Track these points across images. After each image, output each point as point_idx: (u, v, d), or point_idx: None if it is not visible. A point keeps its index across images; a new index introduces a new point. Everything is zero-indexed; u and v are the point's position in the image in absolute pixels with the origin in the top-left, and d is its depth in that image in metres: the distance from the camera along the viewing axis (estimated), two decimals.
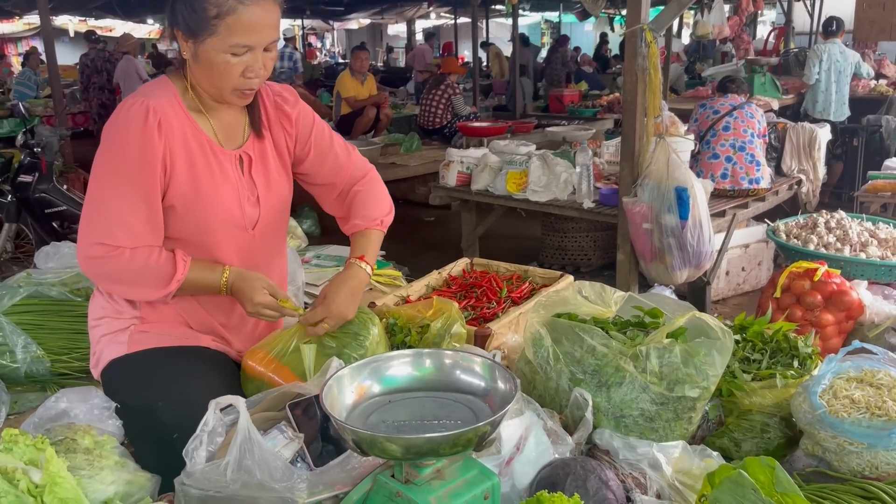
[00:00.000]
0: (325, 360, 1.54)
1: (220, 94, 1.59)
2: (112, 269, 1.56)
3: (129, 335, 1.67)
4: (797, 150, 4.88)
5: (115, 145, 1.54)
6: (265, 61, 1.57)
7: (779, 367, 1.61)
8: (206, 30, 1.50)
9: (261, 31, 1.52)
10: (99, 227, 1.55)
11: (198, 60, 1.55)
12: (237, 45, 1.51)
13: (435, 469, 1.11)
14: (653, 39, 2.82)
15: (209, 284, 1.64)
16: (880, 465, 1.29)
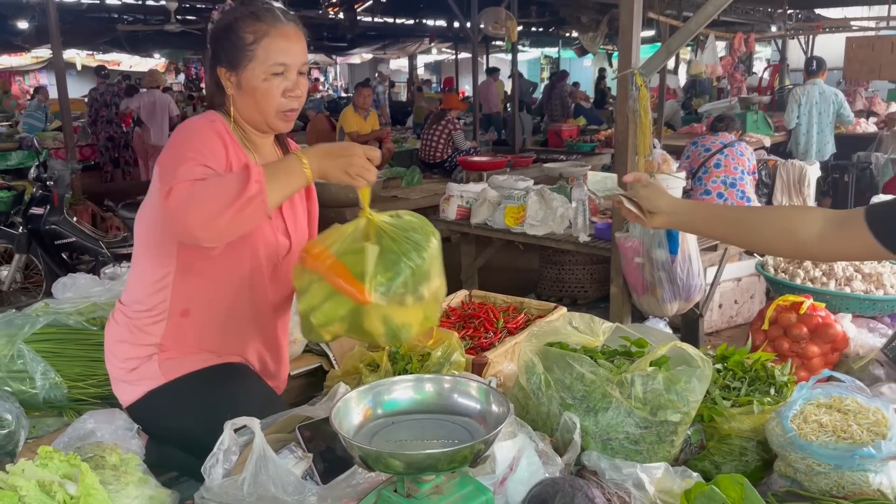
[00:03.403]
0: (385, 264, 1.49)
1: (264, 119, 1.71)
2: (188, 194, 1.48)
3: (158, 364, 1.74)
4: (787, 186, 5.03)
5: (187, 146, 1.61)
6: (301, 83, 1.72)
7: (757, 394, 1.72)
8: (245, 56, 1.66)
9: (294, 50, 1.69)
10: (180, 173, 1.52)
11: (242, 89, 1.69)
12: (276, 64, 1.66)
13: (434, 485, 1.21)
14: (643, 83, 2.98)
15: (293, 174, 1.55)
16: (846, 484, 1.39)
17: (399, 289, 1.49)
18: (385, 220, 1.56)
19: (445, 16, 14.43)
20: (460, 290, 2.56)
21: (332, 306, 1.51)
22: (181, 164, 1.54)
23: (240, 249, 1.71)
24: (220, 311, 1.79)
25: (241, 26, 1.66)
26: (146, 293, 1.76)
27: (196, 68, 21.63)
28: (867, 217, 1.36)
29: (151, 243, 1.76)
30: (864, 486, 1.39)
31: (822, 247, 1.43)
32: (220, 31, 1.71)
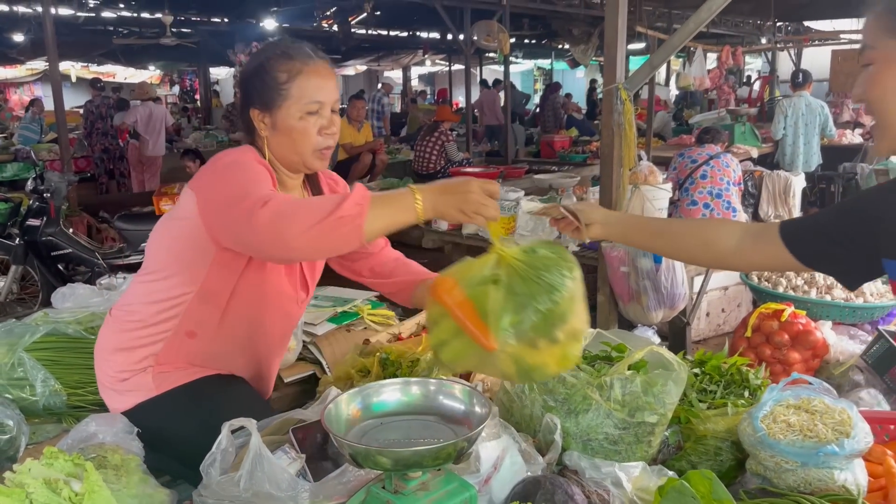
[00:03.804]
0: (514, 308, 1.37)
1: (301, 159, 1.70)
2: (285, 205, 1.45)
3: (152, 376, 1.76)
4: (773, 196, 5.13)
5: (248, 171, 1.60)
6: (334, 121, 1.72)
7: (731, 396, 1.80)
8: (280, 96, 1.66)
9: (328, 87, 1.70)
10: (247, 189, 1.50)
11: (277, 130, 1.68)
12: (311, 102, 1.66)
13: (420, 482, 1.28)
14: (627, 97, 3.07)
15: (402, 210, 1.47)
16: (812, 481, 1.47)
17: (529, 333, 1.38)
18: (517, 257, 1.43)
19: (439, 28, 14.57)
20: None
21: (461, 345, 1.40)
22: (254, 185, 1.52)
23: (260, 291, 1.75)
24: (225, 338, 1.81)
25: (274, 66, 1.66)
26: (154, 311, 1.76)
27: (191, 80, 21.74)
28: (781, 232, 1.45)
29: (174, 265, 1.74)
30: (829, 482, 1.46)
31: (738, 258, 1.53)
32: (252, 73, 1.70)
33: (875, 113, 1.14)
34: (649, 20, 11.51)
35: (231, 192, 1.53)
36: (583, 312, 1.45)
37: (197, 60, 16.55)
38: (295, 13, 11.88)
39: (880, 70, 1.11)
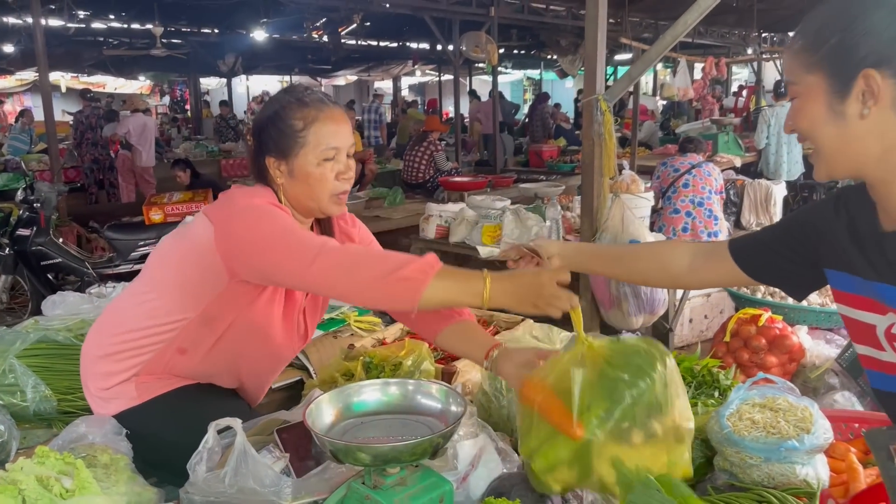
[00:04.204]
0: (601, 393, 1.32)
1: (318, 204, 1.72)
2: (344, 257, 1.50)
3: (135, 385, 1.78)
4: (755, 205, 5.22)
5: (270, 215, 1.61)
6: (350, 165, 1.73)
7: (702, 397, 1.87)
8: (297, 144, 1.67)
9: (343, 133, 1.71)
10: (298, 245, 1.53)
11: (294, 177, 1.69)
12: (327, 149, 1.67)
13: (399, 477, 1.34)
14: (607, 108, 3.15)
15: (467, 292, 1.48)
16: (775, 475, 1.53)
17: (620, 422, 1.31)
18: (603, 345, 1.40)
19: (428, 39, 14.70)
20: None
21: (553, 448, 1.36)
22: (297, 232, 1.57)
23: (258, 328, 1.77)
24: (215, 360, 1.83)
25: (290, 114, 1.68)
26: (148, 326, 1.77)
27: (181, 90, 21.80)
28: (730, 248, 1.52)
29: (179, 288, 1.75)
30: (791, 476, 1.53)
31: (692, 277, 1.59)
32: (267, 121, 1.71)
33: (808, 141, 1.21)
34: (636, 31, 11.67)
35: (269, 234, 1.57)
36: (685, 409, 1.39)
37: (187, 71, 16.62)
38: (284, 24, 11.97)
39: (804, 103, 1.17)
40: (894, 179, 1.15)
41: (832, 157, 1.17)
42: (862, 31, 1.08)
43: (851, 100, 1.10)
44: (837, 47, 1.10)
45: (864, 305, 1.26)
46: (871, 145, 1.12)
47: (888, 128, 1.10)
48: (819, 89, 1.14)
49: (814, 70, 1.14)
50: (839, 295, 1.32)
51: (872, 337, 1.27)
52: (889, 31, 1.07)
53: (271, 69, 19.13)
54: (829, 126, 1.14)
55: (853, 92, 1.10)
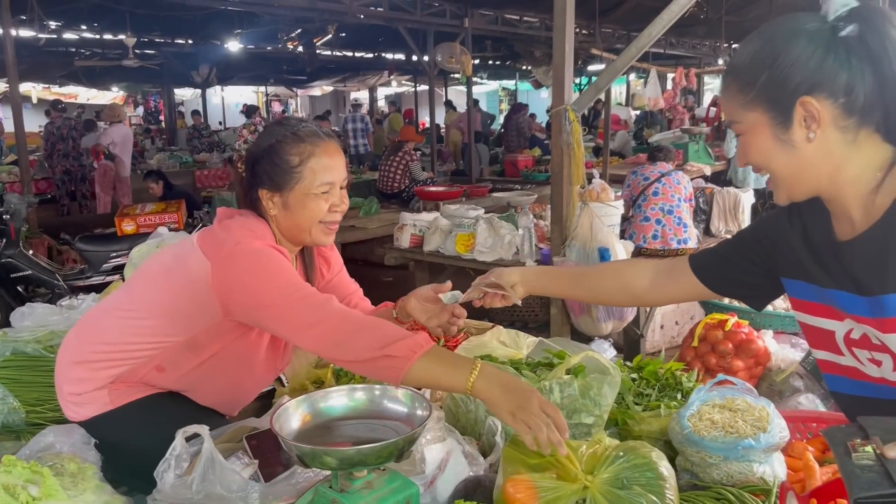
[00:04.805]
0: None
1: (309, 234, 1.74)
2: (339, 328, 1.53)
3: (108, 392, 1.78)
4: (724, 212, 5.32)
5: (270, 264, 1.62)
6: (343, 197, 1.76)
7: (665, 399, 1.91)
8: (292, 178, 1.69)
9: (337, 167, 1.74)
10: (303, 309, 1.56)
11: (288, 208, 1.71)
12: (322, 184, 1.70)
13: (365, 481, 1.36)
14: (575, 118, 3.20)
15: (451, 379, 1.48)
16: (734, 474, 1.58)
17: None
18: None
19: (403, 50, 14.76)
20: None
21: None
22: (301, 289, 1.59)
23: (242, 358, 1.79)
24: (192, 382, 1.84)
25: (285, 149, 1.69)
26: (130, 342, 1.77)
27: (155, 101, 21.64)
28: (691, 264, 1.56)
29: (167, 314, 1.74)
30: (749, 474, 1.57)
31: (654, 294, 1.63)
32: (262, 154, 1.72)
33: (764, 171, 1.24)
34: (609, 42, 11.83)
35: (273, 289, 1.58)
36: None
37: (161, 81, 16.52)
38: (259, 35, 11.96)
39: (751, 139, 1.21)
40: (847, 192, 1.19)
41: (790, 183, 1.21)
42: (788, 64, 1.13)
43: (795, 127, 1.15)
44: (769, 83, 1.15)
45: (822, 312, 1.30)
46: (823, 164, 1.17)
47: (834, 145, 1.15)
48: (762, 124, 1.18)
49: (752, 107, 1.18)
50: (797, 303, 1.36)
51: (832, 343, 1.31)
52: (813, 59, 1.12)
53: (246, 80, 19.08)
54: (781, 155, 1.18)
55: (795, 120, 1.15)
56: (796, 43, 1.13)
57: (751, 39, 1.21)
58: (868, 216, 1.19)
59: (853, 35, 1.12)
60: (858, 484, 1.00)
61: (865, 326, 1.23)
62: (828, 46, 1.12)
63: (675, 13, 2.98)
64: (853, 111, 1.13)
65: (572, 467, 1.38)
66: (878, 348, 1.24)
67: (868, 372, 1.28)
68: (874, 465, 1.02)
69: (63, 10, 9.51)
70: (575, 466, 1.39)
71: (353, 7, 8.86)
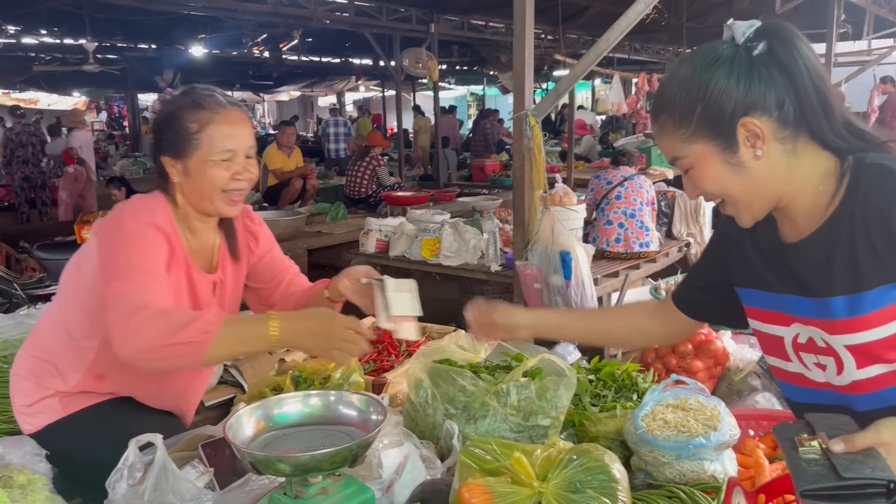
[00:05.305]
0: None
1: (212, 203, 1.73)
2: (152, 331, 1.50)
3: (59, 399, 1.78)
4: (685, 215, 5.39)
5: (134, 246, 1.61)
6: (249, 167, 1.75)
7: (622, 400, 1.94)
8: (191, 145, 1.69)
9: (240, 135, 1.73)
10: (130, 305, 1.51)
11: (189, 175, 1.71)
12: (222, 151, 1.69)
13: (321, 487, 1.36)
14: (536, 123, 3.24)
15: (255, 338, 1.54)
16: (686, 472, 1.60)
17: None
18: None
19: (370, 55, 14.74)
20: (367, 318, 2.72)
21: None
22: (127, 280, 1.54)
23: None
24: (133, 383, 1.82)
25: (184, 116, 1.69)
26: (65, 348, 1.77)
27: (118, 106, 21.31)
28: (675, 302, 1.59)
29: (86, 310, 1.74)
30: (700, 472, 1.60)
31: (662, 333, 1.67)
32: (163, 122, 1.73)
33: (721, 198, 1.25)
34: (574, 48, 11.95)
35: (118, 276, 1.57)
36: None
37: (124, 86, 16.29)
38: (223, 40, 11.86)
39: (702, 170, 1.22)
40: (795, 200, 1.23)
41: (750, 203, 1.23)
42: (719, 92, 1.16)
43: (742, 149, 1.18)
44: (706, 113, 1.18)
45: (772, 319, 1.33)
46: (775, 177, 1.20)
47: (779, 158, 1.19)
48: (708, 153, 1.20)
49: (695, 140, 1.20)
50: (750, 311, 1.38)
51: (781, 349, 1.33)
52: (740, 83, 1.16)
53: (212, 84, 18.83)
54: (734, 178, 1.20)
55: (740, 142, 1.17)
56: (720, 71, 1.17)
57: (673, 76, 1.23)
58: (813, 220, 1.23)
59: (766, 52, 1.16)
60: (804, 477, 1.03)
61: (812, 328, 1.26)
62: (749, 68, 1.16)
63: (632, 20, 3.03)
64: (787, 122, 1.17)
65: (526, 472, 1.40)
66: (823, 351, 1.26)
67: (813, 377, 1.31)
68: (820, 459, 1.05)
69: (21, 14, 9.34)
70: (529, 472, 1.40)
71: (317, 12, 8.84)
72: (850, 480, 1.00)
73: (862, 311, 1.17)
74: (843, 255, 1.18)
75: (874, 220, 1.14)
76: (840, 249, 1.19)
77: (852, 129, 1.21)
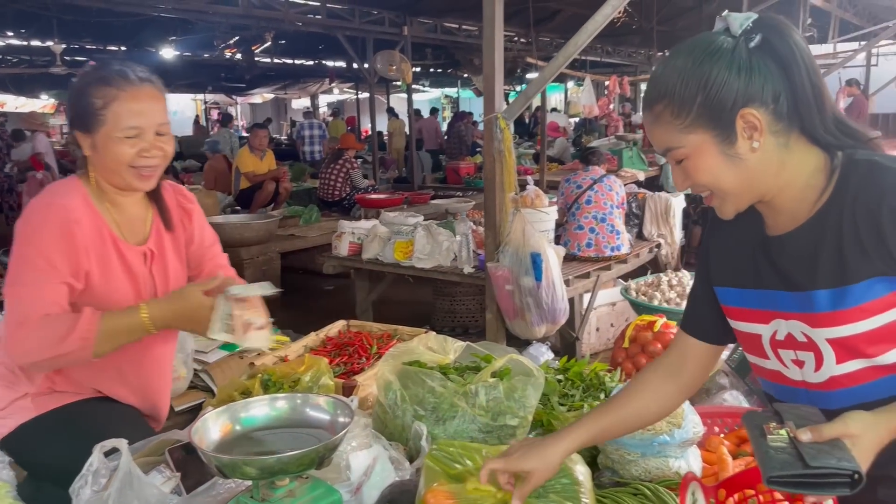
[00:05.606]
0: None
1: (121, 178, 1.74)
2: (34, 344, 1.61)
3: (31, 399, 1.77)
4: (655, 216, 5.46)
5: (34, 246, 1.65)
6: (160, 144, 1.75)
7: (589, 399, 1.96)
8: (97, 121, 1.70)
9: (145, 113, 1.72)
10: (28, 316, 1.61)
11: (97, 150, 1.73)
12: (126, 128, 1.70)
13: (287, 489, 1.36)
14: (506, 126, 3.26)
15: (131, 328, 1.66)
16: (652, 469, 1.63)
17: None
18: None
19: (344, 57, 14.70)
20: (338, 321, 2.72)
21: None
22: (17, 285, 1.64)
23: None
24: (97, 372, 1.82)
25: (91, 91, 1.70)
26: None
27: None
28: (686, 330, 1.46)
29: None
30: (665, 469, 1.63)
31: (691, 382, 1.47)
32: (74, 96, 1.75)
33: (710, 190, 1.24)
34: (547, 51, 12.03)
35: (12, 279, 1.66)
36: None
37: None
38: (194, 42, 11.76)
39: (697, 161, 1.21)
40: (784, 193, 1.23)
41: (739, 195, 1.23)
42: (721, 82, 1.16)
43: (740, 141, 1.18)
44: (707, 103, 1.17)
45: (751, 317, 1.33)
46: (767, 170, 1.21)
47: (772, 151, 1.19)
48: (707, 143, 1.20)
49: (693, 130, 1.20)
50: (729, 310, 1.38)
51: (758, 346, 1.34)
52: (741, 74, 1.16)
53: (184, 87, 18.71)
54: (730, 170, 1.20)
55: (738, 133, 1.18)
56: (720, 61, 1.16)
57: (669, 66, 1.22)
58: (799, 214, 1.24)
59: (763, 45, 1.16)
60: (772, 464, 1.05)
61: (793, 322, 1.26)
62: (749, 60, 1.16)
63: (600, 23, 3.07)
64: (781, 116, 1.18)
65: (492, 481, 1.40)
66: (803, 346, 1.26)
67: (789, 375, 1.32)
68: (787, 448, 1.07)
69: None
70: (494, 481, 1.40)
71: (289, 15, 8.80)
72: (817, 469, 1.02)
73: (846, 305, 1.18)
74: (829, 249, 1.19)
75: (863, 215, 1.15)
76: (827, 243, 1.19)
77: (842, 125, 1.22)
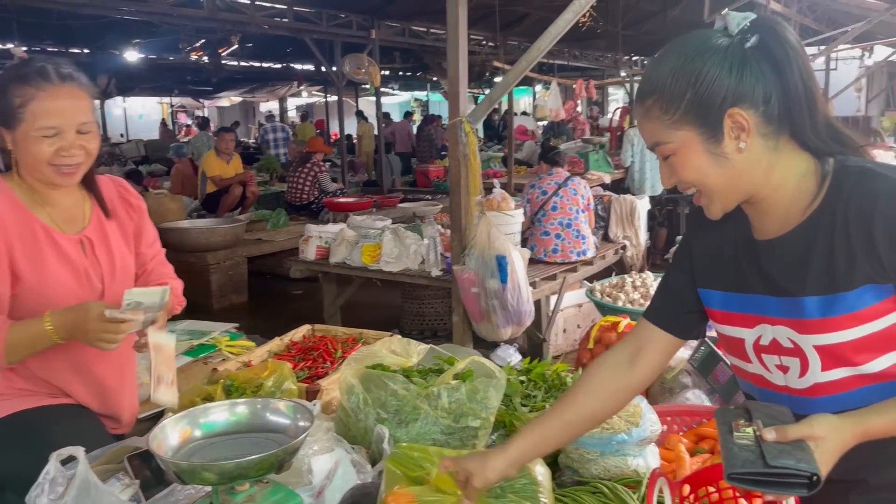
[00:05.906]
0: None
1: (42, 174, 1.74)
2: None
3: None
4: (621, 219, 5.53)
5: None
6: (82, 142, 1.74)
7: (551, 399, 1.98)
8: (15, 118, 1.69)
9: (65, 114, 1.70)
10: None
11: (17, 147, 1.73)
12: (43, 128, 1.68)
13: (248, 494, 1.36)
14: (471, 129, 3.28)
15: (36, 337, 1.67)
16: (611, 468, 1.66)
17: None
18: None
19: (312, 60, 14.65)
20: (303, 325, 2.72)
21: None
22: None
23: (49, 305, 1.74)
24: (48, 365, 1.81)
25: (10, 89, 1.69)
26: None
27: None
28: (649, 318, 1.45)
29: None
30: (624, 468, 1.66)
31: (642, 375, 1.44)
32: None
33: (696, 188, 1.23)
34: (515, 55, 12.10)
35: None
36: None
37: None
38: (159, 45, 11.62)
39: (683, 158, 1.21)
40: (772, 196, 1.23)
41: (726, 195, 1.23)
42: (711, 80, 1.16)
43: (726, 140, 1.18)
44: (695, 100, 1.17)
45: (735, 321, 1.33)
46: (754, 172, 1.20)
47: (761, 153, 1.19)
48: (693, 140, 1.19)
49: (680, 126, 1.20)
50: (712, 314, 1.38)
51: (741, 350, 1.34)
52: (732, 73, 1.16)
53: (149, 90, 18.49)
54: (716, 169, 1.20)
55: (725, 132, 1.18)
56: (712, 59, 1.16)
57: (661, 61, 1.22)
58: (790, 219, 1.23)
59: (759, 45, 1.17)
60: (734, 461, 1.07)
61: (780, 328, 1.25)
62: (742, 59, 1.16)
63: (562, 28, 3.10)
64: (772, 119, 1.18)
65: (448, 482, 1.42)
66: (788, 352, 1.26)
67: (773, 380, 1.31)
68: (751, 446, 1.09)
69: None
70: (450, 482, 1.42)
71: (256, 17, 8.74)
72: (776, 469, 1.04)
73: (835, 313, 1.18)
74: (820, 256, 1.19)
75: (856, 222, 1.15)
76: (818, 249, 1.19)
77: (833, 131, 1.22)
